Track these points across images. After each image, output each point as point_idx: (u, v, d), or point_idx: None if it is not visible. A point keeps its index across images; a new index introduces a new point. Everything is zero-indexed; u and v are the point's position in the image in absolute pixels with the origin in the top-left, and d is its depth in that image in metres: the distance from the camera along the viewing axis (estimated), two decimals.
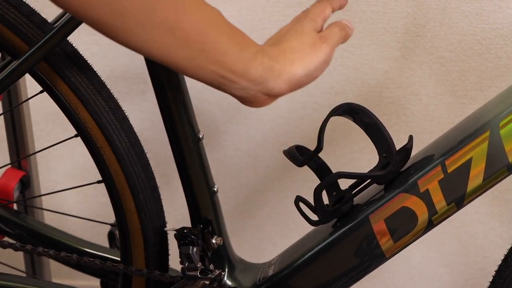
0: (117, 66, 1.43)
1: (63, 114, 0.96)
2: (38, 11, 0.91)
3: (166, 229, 1.02)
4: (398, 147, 0.93)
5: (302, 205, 0.94)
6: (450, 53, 1.34)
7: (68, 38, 0.91)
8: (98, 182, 1.00)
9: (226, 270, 1.02)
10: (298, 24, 0.84)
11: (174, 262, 1.04)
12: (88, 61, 0.95)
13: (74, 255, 1.01)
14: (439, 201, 0.90)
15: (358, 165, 1.44)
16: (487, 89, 1.35)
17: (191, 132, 0.96)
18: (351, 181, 0.95)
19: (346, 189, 0.95)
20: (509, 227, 1.47)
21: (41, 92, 0.96)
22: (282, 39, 0.82)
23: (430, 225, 0.91)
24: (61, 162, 1.53)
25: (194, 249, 0.97)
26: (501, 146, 0.87)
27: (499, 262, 0.98)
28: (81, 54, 0.94)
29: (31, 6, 0.91)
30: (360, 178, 0.95)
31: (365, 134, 0.93)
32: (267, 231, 1.55)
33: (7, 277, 1.09)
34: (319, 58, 0.81)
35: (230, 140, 1.47)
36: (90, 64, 0.95)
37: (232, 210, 1.52)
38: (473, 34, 1.32)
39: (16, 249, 1.00)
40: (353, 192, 0.94)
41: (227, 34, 0.75)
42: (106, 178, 0.99)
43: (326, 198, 0.95)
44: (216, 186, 1.00)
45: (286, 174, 1.48)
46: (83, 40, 1.01)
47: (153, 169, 1.00)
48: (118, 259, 1.07)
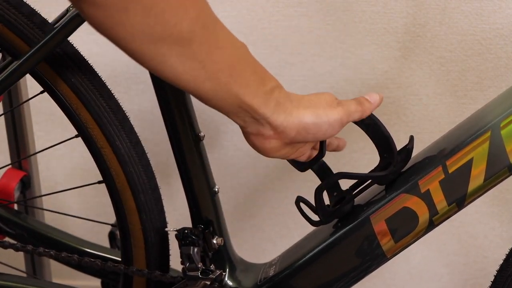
0: (117, 66, 1.42)
1: (64, 115, 0.96)
2: (38, 12, 0.91)
3: (167, 229, 1.02)
4: (398, 147, 0.93)
5: (302, 205, 0.94)
6: (450, 53, 1.34)
7: (68, 38, 0.91)
8: (99, 182, 1.00)
9: (227, 270, 1.02)
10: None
11: (175, 262, 1.04)
12: (88, 61, 0.95)
13: (75, 256, 1.01)
14: (440, 201, 0.90)
15: (358, 165, 1.44)
16: (487, 89, 1.35)
17: (192, 132, 0.96)
18: (352, 181, 0.95)
19: (347, 189, 0.95)
20: (509, 227, 1.47)
21: (41, 92, 0.96)
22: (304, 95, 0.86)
23: (431, 225, 0.91)
24: (61, 162, 1.53)
25: (195, 249, 0.97)
26: (502, 146, 0.87)
27: (500, 262, 0.98)
28: (81, 55, 0.94)
29: (32, 6, 0.91)
30: (361, 178, 0.95)
31: (365, 134, 0.93)
32: (267, 231, 1.55)
33: (8, 277, 1.09)
34: (333, 116, 0.84)
35: (230, 140, 1.47)
36: (90, 64, 0.95)
37: (232, 210, 1.52)
38: (473, 34, 1.32)
39: (17, 249, 1.00)
40: (354, 192, 0.94)
41: (251, 68, 0.78)
42: (107, 179, 0.99)
43: (326, 199, 0.95)
44: (217, 186, 1.00)
45: (286, 174, 1.48)
46: (83, 40, 1.00)
47: (153, 169, 1.00)
48: (119, 260, 1.07)
